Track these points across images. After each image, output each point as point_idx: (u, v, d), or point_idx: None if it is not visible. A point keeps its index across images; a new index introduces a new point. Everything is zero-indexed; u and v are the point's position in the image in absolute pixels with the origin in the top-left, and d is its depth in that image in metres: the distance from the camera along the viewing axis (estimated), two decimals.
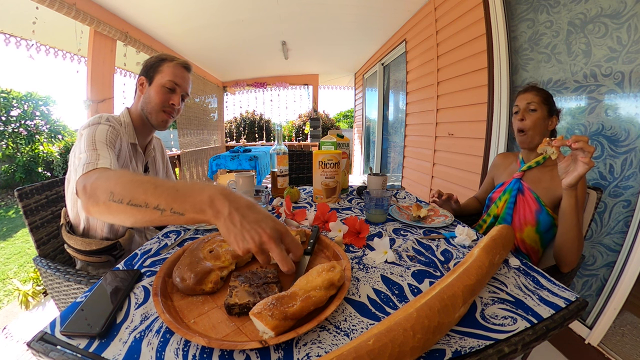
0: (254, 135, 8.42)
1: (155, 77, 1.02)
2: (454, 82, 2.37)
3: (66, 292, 0.91)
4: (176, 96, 1.04)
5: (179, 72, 1.04)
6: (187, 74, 1.07)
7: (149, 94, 1.02)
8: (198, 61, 4.91)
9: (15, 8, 2.40)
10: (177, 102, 1.04)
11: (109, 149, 0.80)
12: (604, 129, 1.32)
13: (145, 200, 0.52)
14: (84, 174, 0.65)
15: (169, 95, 1.02)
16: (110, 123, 0.91)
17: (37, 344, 0.44)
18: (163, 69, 1.02)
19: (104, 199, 0.55)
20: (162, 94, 1.01)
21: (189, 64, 1.07)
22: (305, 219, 0.93)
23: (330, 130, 1.66)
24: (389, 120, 4.36)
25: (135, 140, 1.02)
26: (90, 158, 0.71)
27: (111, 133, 0.87)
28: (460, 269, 0.55)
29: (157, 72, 1.02)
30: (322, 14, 3.13)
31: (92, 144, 0.78)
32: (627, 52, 1.22)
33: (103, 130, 0.85)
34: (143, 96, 1.03)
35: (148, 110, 1.02)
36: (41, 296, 1.98)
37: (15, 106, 6.31)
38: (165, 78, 1.01)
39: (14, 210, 5.27)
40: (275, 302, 0.47)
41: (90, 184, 0.60)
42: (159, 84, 1.01)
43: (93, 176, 0.62)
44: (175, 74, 1.02)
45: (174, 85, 1.02)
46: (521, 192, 1.08)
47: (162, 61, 1.03)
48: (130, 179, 0.56)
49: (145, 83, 1.03)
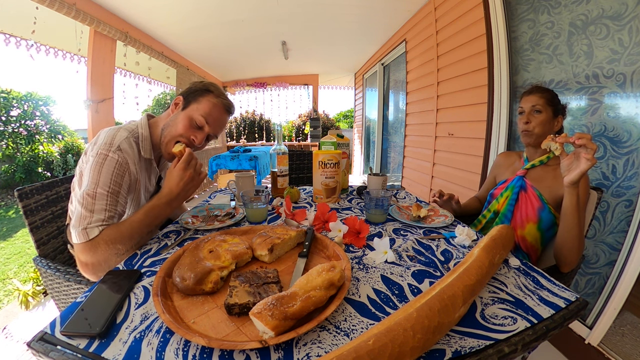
0: (254, 135, 8.42)
1: (191, 105, 0.94)
2: (454, 82, 2.37)
3: (66, 292, 0.91)
4: (201, 134, 0.95)
5: (217, 113, 0.96)
6: (226, 117, 1.00)
7: (177, 119, 0.93)
8: (198, 61, 4.90)
9: (15, 8, 2.40)
10: (200, 140, 0.95)
11: (109, 197, 0.79)
12: (606, 130, 1.32)
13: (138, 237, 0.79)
14: (80, 245, 0.75)
15: (194, 132, 0.94)
16: (122, 152, 0.83)
17: (37, 344, 0.44)
18: (203, 100, 0.94)
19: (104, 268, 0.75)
20: (188, 127, 0.92)
21: (231, 106, 1.00)
22: (305, 219, 0.93)
23: (330, 130, 1.66)
24: (389, 120, 4.36)
25: (151, 156, 0.95)
26: (84, 222, 0.76)
27: (117, 172, 0.81)
28: (460, 269, 0.55)
29: (195, 101, 0.94)
30: (322, 14, 3.13)
31: (92, 195, 0.77)
32: (628, 54, 1.22)
33: (109, 170, 0.80)
34: (171, 116, 0.95)
35: (165, 134, 0.94)
36: (41, 296, 1.98)
37: (15, 106, 6.31)
38: (199, 112, 0.93)
39: (14, 210, 5.28)
40: (275, 302, 0.47)
41: (90, 257, 0.75)
42: (189, 115, 0.93)
43: (90, 250, 0.74)
44: (211, 112, 0.94)
45: (203, 123, 0.93)
46: (524, 189, 1.08)
47: (207, 92, 0.95)
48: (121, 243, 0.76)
49: (180, 105, 0.95)
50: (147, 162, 0.97)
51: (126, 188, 0.85)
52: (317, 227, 0.88)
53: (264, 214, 1.00)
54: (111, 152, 0.81)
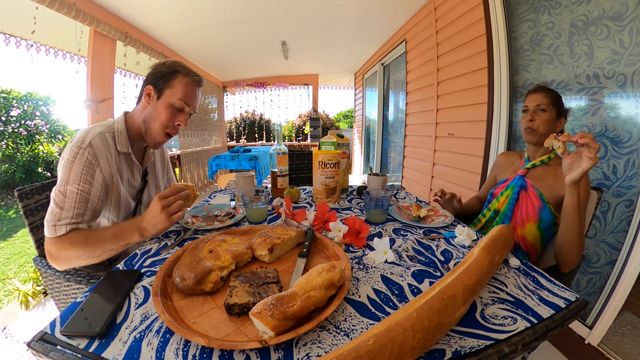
0: (254, 135, 8.42)
1: (165, 92, 0.93)
2: (454, 82, 2.37)
3: (66, 292, 0.91)
4: (183, 116, 0.96)
5: (191, 90, 0.95)
6: (198, 91, 0.99)
7: (157, 109, 0.93)
8: (198, 61, 4.90)
9: (15, 8, 2.40)
10: (184, 121, 0.97)
11: (79, 195, 0.81)
12: (607, 130, 1.33)
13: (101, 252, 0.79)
14: (48, 238, 0.80)
15: (176, 115, 0.95)
16: (93, 148, 0.84)
17: (37, 344, 0.44)
18: (175, 84, 0.93)
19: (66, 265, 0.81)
20: (170, 114, 0.94)
21: (202, 79, 1.00)
22: (305, 219, 0.93)
23: (330, 130, 1.66)
24: (389, 120, 4.36)
25: (129, 150, 0.94)
26: (54, 217, 0.80)
27: (87, 169, 0.82)
28: (460, 269, 0.55)
29: (168, 86, 0.93)
30: (322, 14, 3.13)
31: (62, 192, 0.80)
32: (629, 55, 1.22)
33: (79, 166, 0.81)
34: (148, 108, 0.94)
35: (151, 127, 0.95)
36: (41, 296, 1.98)
37: (15, 106, 6.30)
38: (176, 96, 0.92)
39: (14, 210, 5.28)
40: (275, 302, 0.47)
41: (56, 253, 0.79)
42: (168, 102, 0.93)
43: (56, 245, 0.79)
44: (187, 93, 0.94)
45: (183, 105, 0.94)
46: (524, 188, 1.08)
47: (174, 73, 0.93)
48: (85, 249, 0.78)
49: (154, 94, 0.94)
50: (126, 157, 0.96)
51: (98, 185, 0.85)
52: (317, 227, 0.88)
53: (264, 214, 1.00)
54: (81, 149, 0.82)
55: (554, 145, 0.83)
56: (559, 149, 0.82)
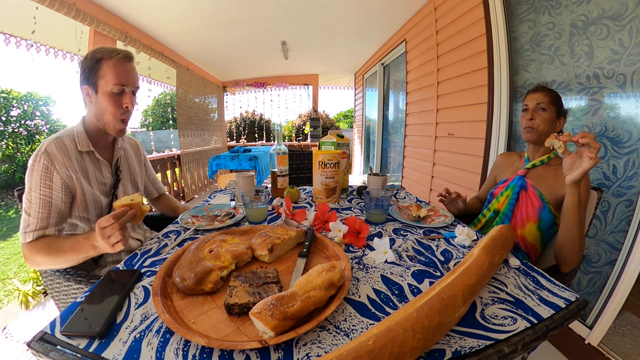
0: (254, 135, 8.43)
1: (99, 84, 0.91)
2: (454, 82, 2.37)
3: (66, 292, 0.91)
4: (127, 96, 0.94)
5: (122, 68, 0.92)
6: (131, 65, 0.96)
7: (99, 104, 0.92)
8: (198, 61, 4.90)
9: (15, 8, 2.40)
10: (130, 102, 0.95)
11: (41, 200, 0.85)
12: (607, 130, 1.33)
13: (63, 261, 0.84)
14: (23, 244, 0.85)
15: (120, 100, 0.93)
16: (48, 154, 0.86)
17: (37, 344, 0.44)
18: (103, 71, 0.90)
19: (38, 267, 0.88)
20: (114, 102, 0.92)
21: (129, 53, 0.95)
22: (305, 219, 0.93)
23: (330, 130, 1.66)
24: (389, 120, 4.36)
25: (90, 148, 0.95)
26: (24, 224, 0.85)
27: (44, 174, 0.85)
28: (460, 269, 0.55)
29: (99, 77, 0.90)
30: (322, 14, 3.13)
31: (28, 199, 0.86)
32: (629, 55, 1.22)
33: (38, 174, 0.85)
34: (94, 106, 0.94)
35: (104, 121, 0.95)
36: (41, 296, 1.98)
37: (15, 106, 6.31)
38: (110, 83, 0.90)
39: (14, 210, 5.28)
40: (275, 302, 0.47)
41: (29, 257, 0.84)
42: (105, 92, 0.91)
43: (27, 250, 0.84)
44: (119, 74, 0.90)
45: (121, 88, 0.92)
46: (524, 188, 1.08)
47: (98, 62, 0.90)
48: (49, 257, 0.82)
49: (91, 92, 0.92)
50: (90, 156, 0.97)
51: (58, 188, 0.87)
52: (317, 227, 0.88)
53: (264, 214, 1.00)
54: (38, 157, 0.86)
55: (554, 144, 0.83)
56: (559, 149, 0.82)
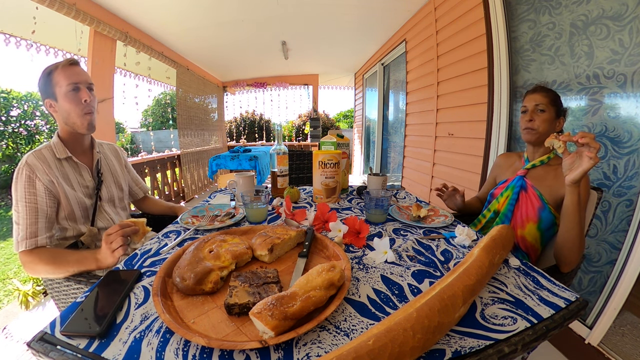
0: (254, 135, 8.42)
1: (56, 91, 1.00)
2: (454, 82, 2.37)
3: (66, 292, 0.91)
4: (83, 92, 1.03)
5: (70, 72, 1.01)
6: (78, 68, 1.05)
7: (62, 108, 1.01)
8: (198, 61, 4.90)
9: (15, 8, 2.40)
10: (88, 96, 1.03)
11: (28, 208, 0.92)
12: (607, 130, 1.33)
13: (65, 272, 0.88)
14: (19, 252, 0.91)
15: (78, 96, 1.02)
16: (28, 165, 0.94)
17: (37, 344, 0.44)
18: (56, 79, 1.00)
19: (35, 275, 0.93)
20: (73, 100, 1.01)
21: (73, 59, 1.05)
22: (305, 219, 0.93)
23: (330, 130, 1.66)
24: (389, 120, 4.36)
25: (67, 154, 1.03)
26: (15, 234, 0.91)
27: (27, 184, 0.93)
28: (460, 269, 0.55)
29: (54, 86, 1.00)
30: (322, 14, 3.13)
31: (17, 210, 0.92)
32: (629, 55, 1.22)
33: (22, 185, 0.92)
34: (59, 114, 1.03)
35: (72, 121, 1.02)
36: (41, 296, 1.98)
37: (15, 106, 6.31)
38: (64, 86, 0.99)
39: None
40: (275, 302, 0.47)
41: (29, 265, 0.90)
42: (63, 94, 1.00)
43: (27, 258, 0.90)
44: (69, 76, 1.00)
45: (75, 86, 1.01)
46: (524, 189, 1.08)
47: (49, 74, 1.01)
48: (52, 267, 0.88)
49: (53, 102, 1.02)
50: (69, 162, 1.05)
51: (42, 193, 0.94)
52: (317, 227, 0.88)
53: (264, 214, 1.00)
54: (20, 169, 0.94)
55: (554, 144, 0.83)
56: (559, 149, 0.82)
